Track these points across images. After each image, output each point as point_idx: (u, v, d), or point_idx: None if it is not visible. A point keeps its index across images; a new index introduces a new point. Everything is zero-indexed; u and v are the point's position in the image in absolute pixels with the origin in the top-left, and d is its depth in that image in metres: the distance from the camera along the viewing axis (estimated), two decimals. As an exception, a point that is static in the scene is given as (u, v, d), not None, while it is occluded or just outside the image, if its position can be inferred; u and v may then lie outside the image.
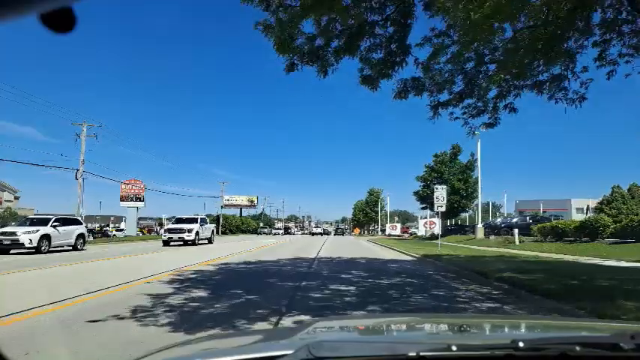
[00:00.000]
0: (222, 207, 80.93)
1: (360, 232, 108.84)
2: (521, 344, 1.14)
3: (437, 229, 48.89)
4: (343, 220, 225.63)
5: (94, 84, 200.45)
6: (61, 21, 0.80)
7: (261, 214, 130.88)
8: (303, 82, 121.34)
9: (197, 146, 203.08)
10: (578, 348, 1.15)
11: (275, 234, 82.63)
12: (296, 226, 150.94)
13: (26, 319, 6.24)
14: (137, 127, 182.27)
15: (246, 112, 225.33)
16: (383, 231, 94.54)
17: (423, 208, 42.41)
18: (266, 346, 1.54)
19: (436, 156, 42.06)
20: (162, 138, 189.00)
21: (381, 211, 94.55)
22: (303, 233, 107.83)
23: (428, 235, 46.16)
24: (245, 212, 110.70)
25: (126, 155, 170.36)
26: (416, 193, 43.91)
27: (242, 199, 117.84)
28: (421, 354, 1.13)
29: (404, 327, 2.24)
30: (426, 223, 48.97)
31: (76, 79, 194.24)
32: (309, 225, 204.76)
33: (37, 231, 20.08)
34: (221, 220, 79.89)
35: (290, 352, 1.19)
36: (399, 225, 77.17)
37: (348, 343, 1.54)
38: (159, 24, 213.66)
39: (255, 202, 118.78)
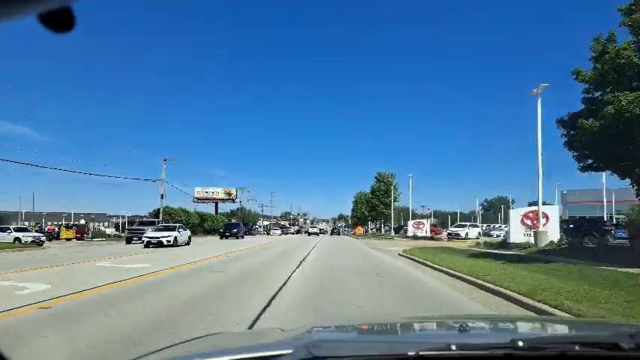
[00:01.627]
0: (162, 196, 54.27)
1: (363, 232, 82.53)
2: (520, 344, 1.13)
3: (553, 229, 22.77)
4: (340, 217, 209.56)
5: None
6: (60, 21, 0.79)
7: (239, 209, 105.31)
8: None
9: (195, 145, 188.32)
10: (577, 347, 1.14)
11: (154, 241, 28.81)
12: (288, 224, 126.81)
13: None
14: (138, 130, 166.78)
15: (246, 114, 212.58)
16: (397, 230, 68.42)
17: (587, 167, 14.76)
18: (265, 345, 1.52)
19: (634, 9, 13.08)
20: (160, 135, 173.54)
21: (394, 202, 68.35)
22: (285, 232, 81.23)
23: (543, 245, 19.50)
24: (225, 207, 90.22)
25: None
26: (567, 121, 14.95)
27: (218, 192, 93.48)
28: (420, 353, 1.12)
29: (403, 327, 2.21)
30: (527, 214, 22.32)
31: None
32: (305, 223, 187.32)
33: None
34: (161, 216, 53.52)
35: (289, 351, 1.19)
36: (426, 222, 50.79)
37: (347, 342, 1.54)
38: (148, 22, 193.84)
39: (234, 195, 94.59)
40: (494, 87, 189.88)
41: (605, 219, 32.89)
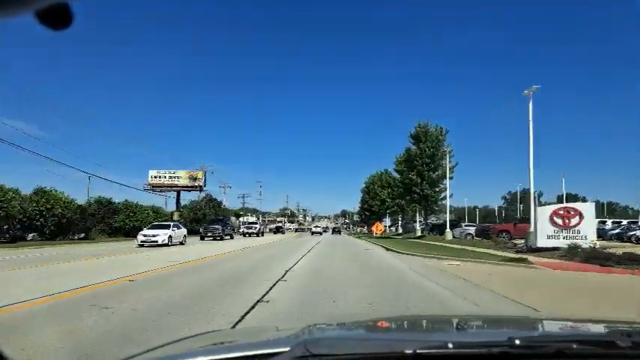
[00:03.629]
0: None
1: (383, 232, 51.36)
2: (517, 342, 1.13)
3: None
4: (344, 214, 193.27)
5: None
6: (57, 18, 0.78)
7: (207, 199, 75.19)
8: None
9: (188, 138, 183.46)
10: (574, 345, 1.14)
11: None
12: (286, 221, 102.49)
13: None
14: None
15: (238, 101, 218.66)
16: (455, 226, 37.40)
17: None
18: (263, 343, 1.50)
19: None
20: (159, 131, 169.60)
21: (450, 176, 36.98)
22: (219, 235, 48.04)
23: None
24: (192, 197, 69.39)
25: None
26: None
27: (179, 177, 69.40)
28: (418, 351, 1.12)
29: (401, 325, 2.19)
30: None
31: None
32: (305, 221, 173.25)
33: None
34: None
35: (287, 349, 1.18)
36: (588, 207, 18.91)
37: (345, 340, 1.53)
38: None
39: (202, 180, 69.56)
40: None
41: None
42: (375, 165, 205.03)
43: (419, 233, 46.76)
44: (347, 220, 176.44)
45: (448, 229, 34.45)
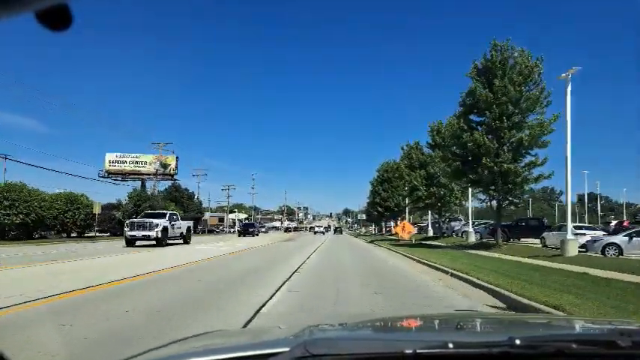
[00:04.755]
0: None
1: (410, 238, 33.95)
2: (517, 342, 1.12)
3: None
4: (346, 212, 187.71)
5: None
6: (57, 19, 0.79)
7: (174, 187, 62.38)
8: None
9: (188, 140, 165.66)
10: (574, 345, 1.14)
11: None
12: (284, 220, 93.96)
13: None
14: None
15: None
16: (542, 227, 20.30)
17: None
18: (263, 343, 1.50)
19: None
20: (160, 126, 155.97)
21: (548, 134, 19.89)
22: (130, 234, 25.71)
23: None
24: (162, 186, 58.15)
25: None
26: None
27: (145, 161, 59.88)
28: (418, 351, 1.12)
29: (402, 325, 2.17)
30: None
31: None
32: (305, 219, 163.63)
33: None
34: None
35: (286, 349, 1.18)
36: None
37: (344, 340, 1.53)
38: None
39: (174, 167, 60.60)
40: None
41: None
42: (375, 163, 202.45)
43: (472, 239, 29.68)
44: (349, 219, 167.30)
45: (571, 235, 17.05)
